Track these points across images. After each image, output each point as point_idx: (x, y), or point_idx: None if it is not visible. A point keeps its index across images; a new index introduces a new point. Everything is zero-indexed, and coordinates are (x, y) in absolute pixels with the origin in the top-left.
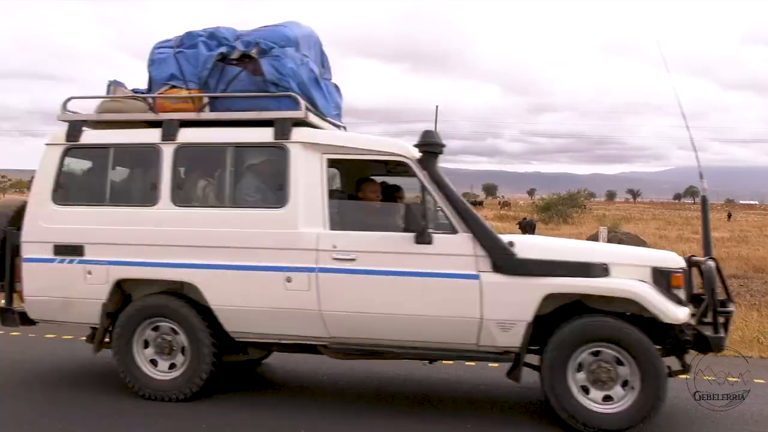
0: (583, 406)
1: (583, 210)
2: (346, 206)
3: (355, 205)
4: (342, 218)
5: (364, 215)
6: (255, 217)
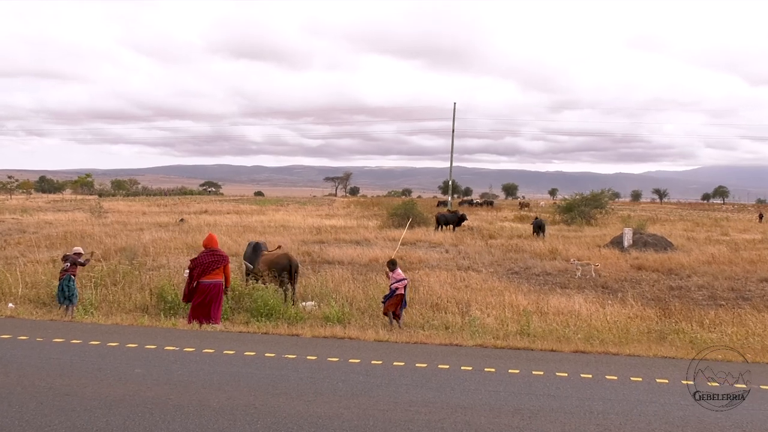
0: None
1: (606, 211)
2: None
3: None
4: None
5: None
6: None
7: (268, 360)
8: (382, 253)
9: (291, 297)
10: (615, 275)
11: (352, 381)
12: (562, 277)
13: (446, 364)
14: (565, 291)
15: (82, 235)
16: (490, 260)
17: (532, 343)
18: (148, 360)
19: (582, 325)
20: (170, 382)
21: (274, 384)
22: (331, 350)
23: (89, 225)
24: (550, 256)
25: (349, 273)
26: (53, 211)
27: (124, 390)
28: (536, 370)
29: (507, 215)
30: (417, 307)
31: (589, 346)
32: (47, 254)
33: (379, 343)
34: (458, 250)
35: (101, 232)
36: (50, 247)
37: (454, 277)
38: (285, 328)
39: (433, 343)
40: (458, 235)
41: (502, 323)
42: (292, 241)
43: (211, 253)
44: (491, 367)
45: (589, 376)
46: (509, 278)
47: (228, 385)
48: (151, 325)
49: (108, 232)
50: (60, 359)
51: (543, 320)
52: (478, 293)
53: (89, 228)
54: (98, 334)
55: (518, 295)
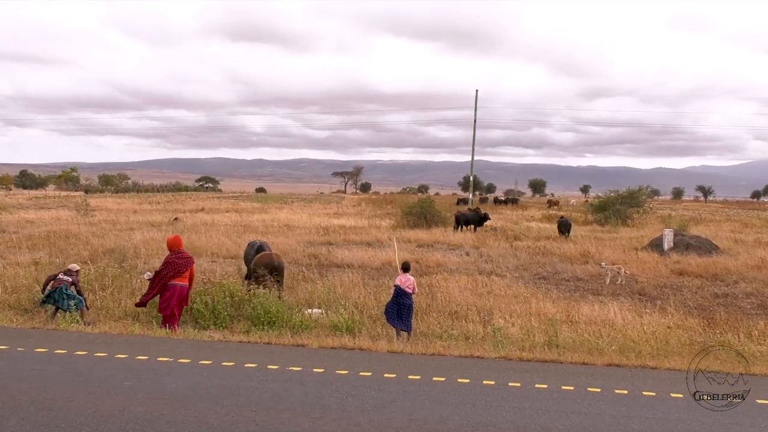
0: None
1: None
2: None
3: None
4: None
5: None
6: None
7: (271, 372)
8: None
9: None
10: (653, 281)
11: (363, 396)
12: (594, 283)
13: (466, 377)
14: (598, 298)
15: (66, 235)
16: (515, 264)
17: (562, 356)
18: (140, 372)
19: (617, 335)
20: (163, 396)
21: (277, 399)
22: (339, 362)
23: (75, 224)
24: (581, 260)
25: (359, 277)
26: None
27: (113, 404)
28: (566, 385)
29: (534, 214)
30: (434, 315)
31: (625, 358)
32: (29, 256)
33: (392, 355)
34: (480, 253)
35: (88, 231)
36: (32, 249)
37: (475, 283)
38: (289, 338)
39: (451, 355)
40: (480, 236)
41: (528, 333)
42: (297, 243)
43: (179, 255)
44: (516, 381)
45: (624, 392)
46: (536, 284)
47: (227, 400)
48: (142, 333)
49: (95, 231)
50: (43, 371)
51: (573, 330)
52: (502, 300)
53: (75, 227)
54: (85, 343)
55: (546, 302)
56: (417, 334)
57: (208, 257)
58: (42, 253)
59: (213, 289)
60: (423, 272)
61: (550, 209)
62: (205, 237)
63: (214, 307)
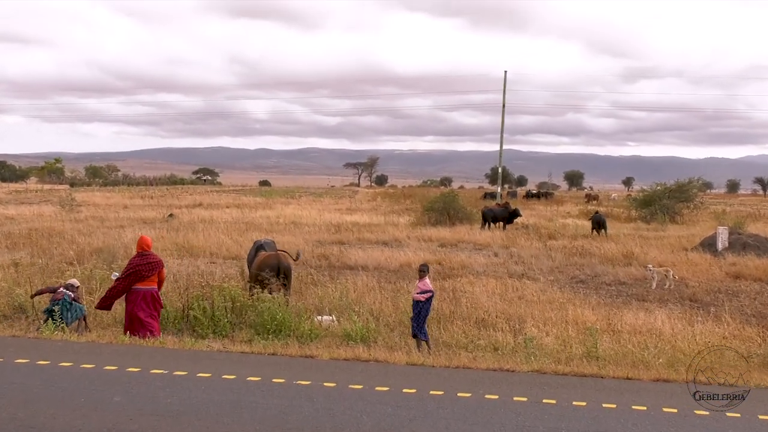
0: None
1: (695, 205)
2: None
3: None
4: None
5: None
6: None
7: (277, 387)
8: (415, 256)
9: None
10: (706, 285)
11: (379, 414)
12: (639, 288)
13: (495, 393)
14: (643, 304)
15: (50, 233)
16: (549, 266)
17: (602, 369)
18: (131, 385)
19: (665, 347)
20: (157, 412)
21: (283, 416)
22: (353, 375)
23: (59, 221)
24: (624, 262)
25: (375, 281)
26: (15, 204)
27: (101, 422)
28: (607, 403)
29: (570, 210)
30: (459, 323)
31: (674, 373)
32: (8, 256)
33: (411, 368)
34: (510, 253)
35: (73, 229)
36: (12, 248)
37: (504, 287)
38: (297, 348)
39: (478, 368)
40: (510, 234)
41: (564, 344)
42: (306, 242)
43: (145, 257)
44: (551, 398)
45: (673, 411)
46: (573, 288)
47: (227, 417)
48: (133, 343)
49: (81, 229)
50: (24, 384)
51: (615, 341)
52: (535, 306)
53: (59, 224)
54: (70, 353)
55: (584, 309)
56: (439, 345)
57: (207, 258)
58: (23, 253)
59: (212, 293)
60: (446, 275)
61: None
62: (203, 235)
63: (213, 314)
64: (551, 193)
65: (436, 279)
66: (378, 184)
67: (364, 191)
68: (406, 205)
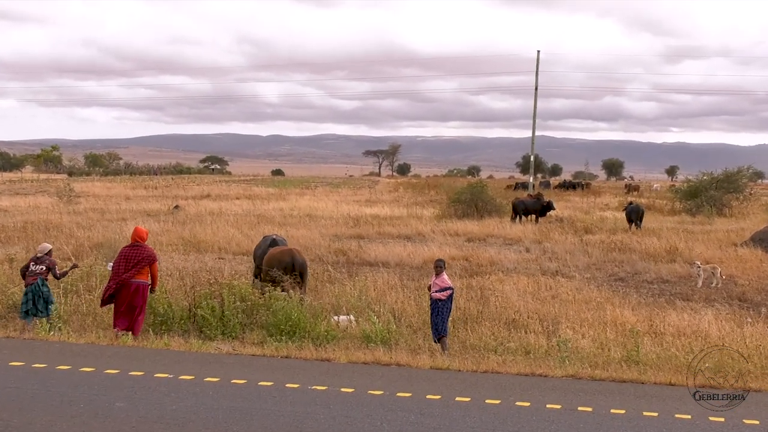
0: None
1: (745, 196)
2: None
3: None
4: None
5: None
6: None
7: (290, 392)
8: (440, 251)
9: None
10: (757, 284)
11: (401, 422)
12: (683, 286)
13: (526, 400)
14: (688, 304)
15: (47, 226)
16: (585, 262)
17: (643, 374)
18: (133, 391)
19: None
20: (162, 419)
21: (298, 424)
22: (372, 380)
23: (56, 213)
24: (667, 258)
25: (396, 278)
26: (9, 195)
27: (101, 430)
28: (648, 411)
29: (609, 202)
30: (488, 324)
31: (721, 379)
32: (2, 251)
33: (436, 372)
34: (543, 249)
35: (72, 222)
36: (6, 242)
37: (537, 285)
38: (312, 351)
39: (508, 373)
40: (543, 228)
41: (601, 347)
42: (322, 236)
43: (135, 247)
44: (587, 405)
45: (720, 420)
46: (612, 287)
47: (237, 425)
48: (136, 344)
49: (81, 222)
50: (19, 389)
51: (657, 343)
52: (570, 306)
53: (56, 217)
54: (68, 356)
55: (624, 309)
56: (466, 347)
57: (215, 253)
58: (18, 247)
59: (221, 291)
60: (474, 272)
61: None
62: (211, 229)
63: (222, 314)
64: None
65: (462, 277)
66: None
67: (385, 181)
68: (430, 197)
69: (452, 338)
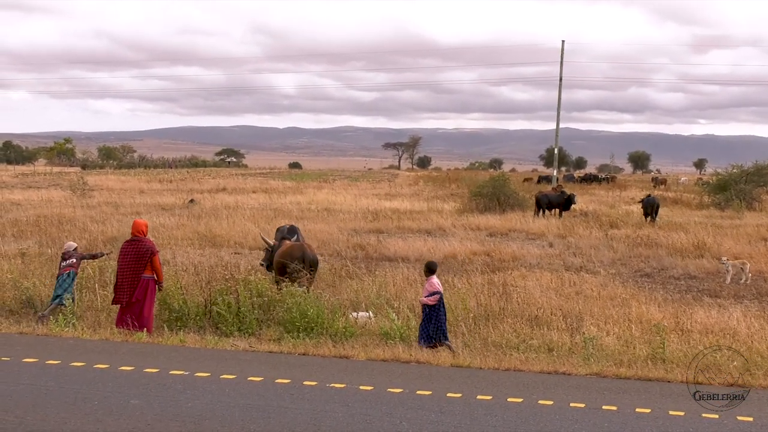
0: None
1: None
2: None
3: None
4: None
5: None
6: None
7: (308, 390)
8: (461, 246)
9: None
10: None
11: (421, 420)
12: (711, 282)
13: (549, 399)
14: (716, 301)
15: (60, 220)
16: (610, 258)
17: (669, 373)
18: (148, 388)
19: (740, 348)
20: (178, 417)
21: (316, 422)
22: (392, 378)
23: (69, 207)
24: (695, 253)
25: (416, 274)
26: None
27: (116, 427)
28: (674, 410)
29: (635, 195)
30: (510, 320)
31: (750, 377)
32: (14, 246)
33: (457, 370)
34: (566, 244)
35: (85, 216)
36: (18, 237)
37: (560, 281)
38: (330, 348)
39: (531, 371)
40: (566, 222)
41: (627, 344)
42: (340, 231)
43: (133, 243)
44: (612, 404)
45: (749, 419)
46: (637, 283)
47: (254, 423)
48: (151, 341)
49: (94, 216)
50: (33, 386)
51: (684, 341)
52: (594, 303)
53: (69, 211)
54: (82, 352)
55: (650, 305)
56: (488, 345)
57: (231, 248)
58: (30, 242)
59: (237, 287)
60: (496, 267)
61: (655, 189)
62: (226, 223)
63: (238, 310)
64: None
65: (484, 272)
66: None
67: (405, 174)
68: (451, 190)
69: (473, 336)
